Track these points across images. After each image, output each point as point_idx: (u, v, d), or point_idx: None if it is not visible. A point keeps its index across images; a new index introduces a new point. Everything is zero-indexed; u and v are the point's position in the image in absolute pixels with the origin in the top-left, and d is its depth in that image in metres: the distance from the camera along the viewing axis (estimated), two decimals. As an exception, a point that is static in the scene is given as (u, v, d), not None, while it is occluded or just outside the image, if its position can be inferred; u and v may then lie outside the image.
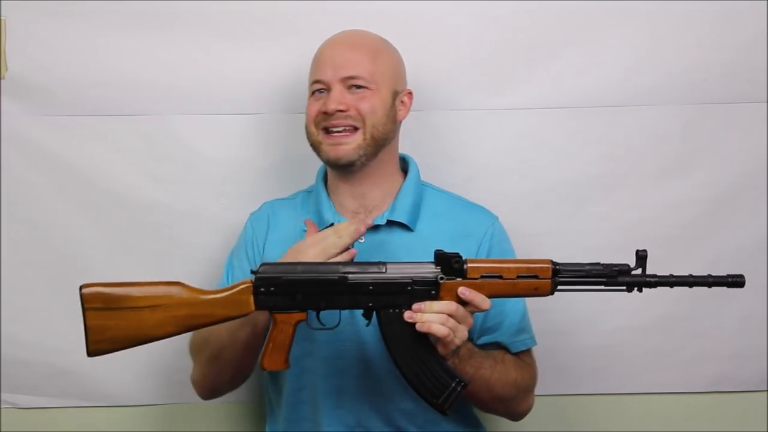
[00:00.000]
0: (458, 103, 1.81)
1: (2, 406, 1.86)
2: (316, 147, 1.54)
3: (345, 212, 1.57)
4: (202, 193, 1.83)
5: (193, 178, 1.82)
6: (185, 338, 1.76)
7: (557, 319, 1.82)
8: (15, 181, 1.81)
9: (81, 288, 1.29)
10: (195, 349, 1.59)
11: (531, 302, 1.62)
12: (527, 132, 1.82)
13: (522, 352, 1.57)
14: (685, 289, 1.80)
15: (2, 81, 1.78)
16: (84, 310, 1.28)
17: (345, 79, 1.50)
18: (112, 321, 1.28)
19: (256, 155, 1.83)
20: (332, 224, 1.53)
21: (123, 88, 1.80)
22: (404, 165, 1.63)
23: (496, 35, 1.80)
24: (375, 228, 1.53)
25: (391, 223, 1.54)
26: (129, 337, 1.29)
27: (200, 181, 1.82)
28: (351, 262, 1.41)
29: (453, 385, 1.34)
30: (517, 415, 1.58)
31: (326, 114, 1.50)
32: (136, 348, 1.42)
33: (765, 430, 1.88)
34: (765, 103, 1.81)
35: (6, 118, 1.80)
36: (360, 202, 1.56)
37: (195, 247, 1.82)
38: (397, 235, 1.53)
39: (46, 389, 1.86)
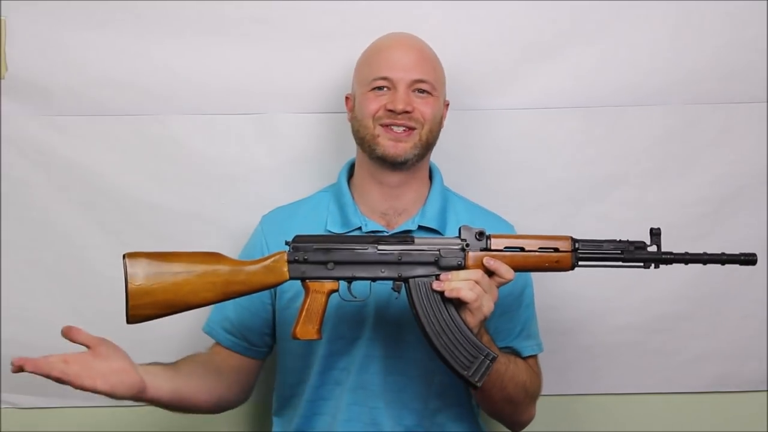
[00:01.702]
0: (459, 103, 1.81)
1: (2, 406, 1.86)
2: (370, 140, 1.54)
3: (372, 214, 1.58)
4: (202, 193, 1.82)
5: (194, 178, 1.82)
6: (186, 340, 1.77)
7: (557, 319, 1.82)
8: (15, 181, 1.81)
9: (124, 256, 1.34)
10: None
11: (531, 302, 1.64)
12: (527, 132, 1.82)
13: (530, 358, 1.60)
14: (685, 288, 1.83)
15: (2, 81, 1.78)
16: (126, 275, 1.33)
17: (414, 82, 1.53)
18: (152, 286, 1.33)
19: (257, 155, 1.82)
20: (359, 228, 1.55)
21: (123, 88, 1.79)
22: (428, 171, 1.64)
23: (497, 36, 1.80)
24: (405, 233, 1.55)
25: (420, 228, 1.56)
26: (168, 302, 1.34)
27: (200, 181, 1.82)
28: (380, 235, 1.44)
29: (482, 357, 1.36)
30: (519, 424, 1.60)
31: (392, 111, 1.51)
32: (136, 347, 1.42)
33: (765, 430, 1.88)
34: (765, 103, 1.82)
35: (6, 118, 1.79)
36: (391, 203, 1.58)
37: (195, 247, 1.80)
38: None
39: (46, 389, 1.84)
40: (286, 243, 1.39)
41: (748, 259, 1.41)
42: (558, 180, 1.83)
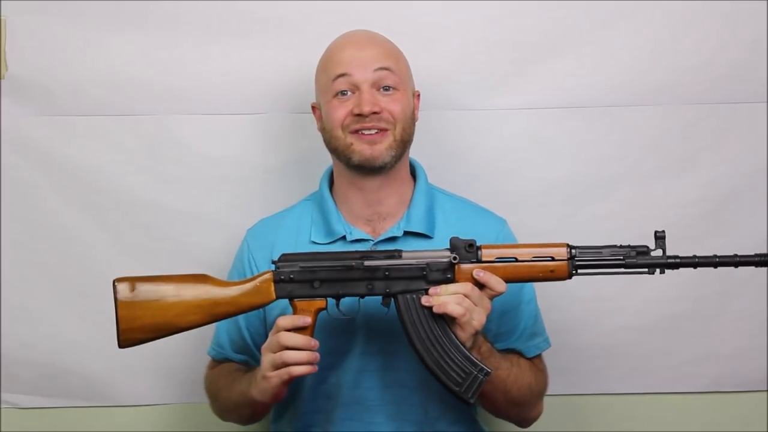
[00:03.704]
0: (458, 103, 1.81)
1: (2, 406, 1.86)
2: (343, 149, 1.50)
3: (357, 221, 1.55)
4: (202, 193, 1.83)
5: (194, 178, 1.82)
6: (185, 340, 1.76)
7: (557, 319, 1.81)
8: (15, 181, 1.81)
9: (114, 281, 1.36)
10: (208, 394, 1.63)
11: (531, 302, 1.64)
12: (527, 132, 1.82)
13: (535, 357, 1.58)
14: (685, 288, 1.83)
15: (2, 81, 1.79)
16: (116, 301, 1.35)
17: (377, 73, 1.47)
18: (141, 311, 1.35)
19: (257, 155, 1.83)
20: (343, 237, 1.52)
21: (123, 88, 1.80)
22: (411, 169, 1.61)
23: (497, 35, 1.80)
24: (391, 239, 1.52)
25: (407, 234, 1.53)
26: (157, 326, 1.36)
27: (200, 181, 1.82)
28: (367, 251, 1.42)
29: (475, 372, 1.33)
30: (526, 422, 1.59)
31: (359, 116, 1.47)
32: (136, 348, 1.42)
33: (765, 430, 1.88)
34: (765, 103, 1.81)
35: (6, 118, 1.80)
36: (374, 209, 1.54)
37: (195, 247, 1.82)
38: (413, 244, 1.50)
39: (46, 389, 1.86)
40: (273, 262, 1.38)
41: (764, 261, 1.33)
42: (558, 180, 1.83)
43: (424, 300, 1.33)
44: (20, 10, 1.77)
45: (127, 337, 1.36)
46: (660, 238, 1.33)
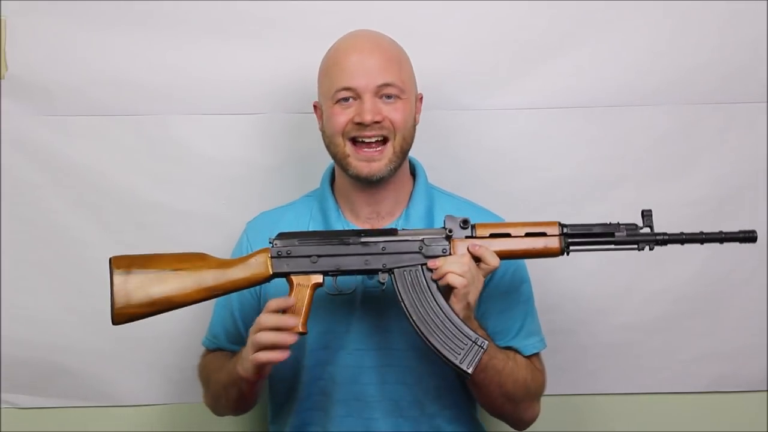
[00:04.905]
0: (458, 103, 1.81)
1: (2, 406, 1.86)
2: (341, 159, 1.50)
3: (357, 219, 1.55)
4: (202, 193, 1.83)
5: (194, 178, 1.82)
6: (185, 339, 1.77)
7: (557, 319, 1.82)
8: (15, 181, 1.81)
9: (110, 258, 1.36)
10: (201, 381, 1.63)
11: (531, 302, 1.64)
12: (527, 132, 1.82)
13: (533, 356, 1.58)
14: (685, 288, 1.83)
15: (2, 81, 1.79)
16: (111, 276, 1.34)
17: (379, 88, 1.46)
18: (136, 285, 1.34)
19: (257, 155, 1.83)
20: None
21: (123, 88, 1.80)
22: (411, 167, 1.61)
23: (497, 35, 1.81)
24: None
25: None
26: (152, 301, 1.34)
27: (200, 181, 1.82)
28: (364, 229, 1.45)
29: (471, 342, 1.35)
30: (522, 423, 1.58)
31: (360, 124, 1.46)
32: (136, 347, 1.42)
33: (765, 430, 1.88)
34: (765, 103, 1.81)
35: (6, 118, 1.80)
36: (374, 208, 1.55)
37: (195, 247, 1.78)
38: None
39: (46, 389, 1.86)
40: (270, 240, 1.39)
41: (748, 236, 1.37)
42: (558, 180, 1.83)
43: (431, 263, 1.35)
44: (20, 10, 1.77)
45: (121, 312, 1.34)
46: (647, 216, 1.38)
